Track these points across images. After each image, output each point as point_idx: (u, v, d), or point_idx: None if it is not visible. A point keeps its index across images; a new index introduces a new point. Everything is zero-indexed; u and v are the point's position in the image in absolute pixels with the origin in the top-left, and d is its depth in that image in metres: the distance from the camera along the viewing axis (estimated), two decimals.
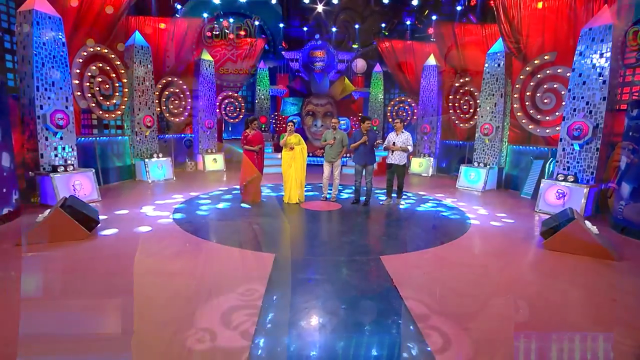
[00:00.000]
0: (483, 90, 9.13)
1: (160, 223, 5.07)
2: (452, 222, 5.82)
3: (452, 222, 5.82)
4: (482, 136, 9.18)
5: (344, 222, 5.58)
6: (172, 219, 5.36)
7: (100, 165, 8.28)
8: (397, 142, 6.60)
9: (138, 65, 8.91)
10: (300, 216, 6.07)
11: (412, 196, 7.76)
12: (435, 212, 6.41)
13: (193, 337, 2.40)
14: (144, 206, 6.07)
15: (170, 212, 5.73)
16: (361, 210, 6.35)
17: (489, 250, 4.47)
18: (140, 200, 6.60)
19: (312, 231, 5.13)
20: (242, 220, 5.53)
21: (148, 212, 5.70)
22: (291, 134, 6.75)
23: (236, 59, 13.19)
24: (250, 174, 6.71)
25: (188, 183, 8.89)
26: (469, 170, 9.10)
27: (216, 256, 4.00)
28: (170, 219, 5.36)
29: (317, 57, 14.69)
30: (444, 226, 5.54)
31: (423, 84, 11.89)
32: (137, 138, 9.09)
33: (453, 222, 5.78)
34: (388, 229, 5.35)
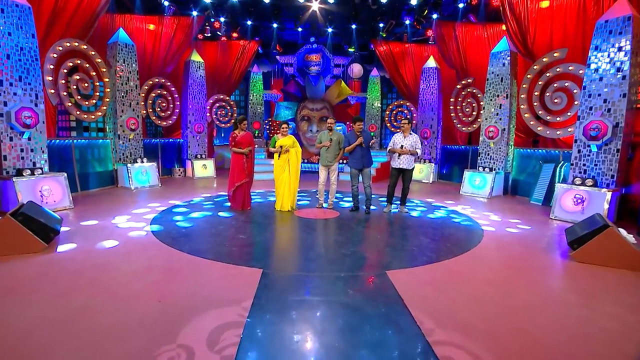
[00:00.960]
0: (487, 91, 8.68)
1: (131, 236, 4.41)
2: (463, 230, 5.26)
3: (464, 230, 5.26)
4: (486, 139, 8.70)
5: (342, 232, 4.99)
6: (146, 231, 4.72)
7: (78, 170, 7.65)
8: (405, 145, 6.06)
9: (122, 64, 8.35)
10: (293, 225, 5.47)
11: (420, 203, 7.19)
12: (444, 219, 5.84)
13: None
14: (118, 216, 5.42)
15: (146, 223, 5.10)
16: (361, 219, 5.77)
17: (511, 263, 3.89)
18: (115, 209, 5.96)
19: (306, 242, 4.52)
20: (227, 229, 4.92)
21: (120, 222, 5.04)
22: (285, 135, 6.19)
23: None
24: (239, 178, 6.12)
25: (174, 190, 8.27)
26: (474, 175, 8.59)
27: (192, 272, 3.37)
28: (145, 230, 4.72)
29: (313, 62, 14.30)
30: (455, 235, 4.97)
31: (422, 86, 11.45)
32: (120, 142, 8.48)
33: (464, 230, 5.22)
34: (392, 239, 4.76)
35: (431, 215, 6.15)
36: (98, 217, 5.29)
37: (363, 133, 6.02)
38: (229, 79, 12.79)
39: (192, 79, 10.82)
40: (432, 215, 6.11)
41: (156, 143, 10.34)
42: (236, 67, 12.78)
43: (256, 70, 14.58)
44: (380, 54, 12.97)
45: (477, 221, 5.74)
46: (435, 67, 11.16)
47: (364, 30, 13.02)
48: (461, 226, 5.47)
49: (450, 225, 5.50)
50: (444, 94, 11.38)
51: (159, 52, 9.97)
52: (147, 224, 5.05)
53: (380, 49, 12.92)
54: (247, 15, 11.85)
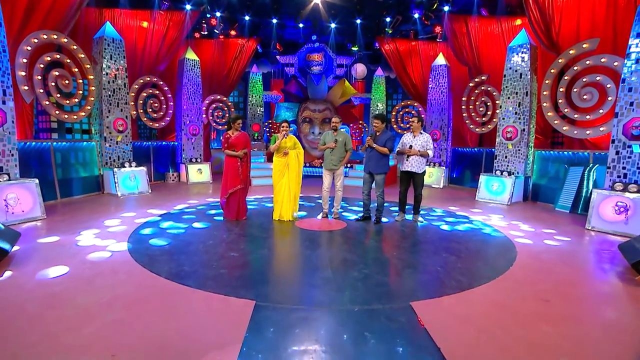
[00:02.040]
0: (504, 88, 7.99)
1: (97, 257, 3.69)
2: (491, 243, 4.55)
3: (492, 243, 4.55)
4: (504, 141, 8.00)
5: (351, 248, 4.29)
6: (113, 251, 4.03)
7: (59, 176, 6.99)
8: (414, 146, 5.39)
9: (108, 61, 7.71)
10: (293, 239, 4.78)
11: (435, 212, 6.49)
12: (466, 230, 5.13)
13: None
14: (90, 229, 4.72)
15: (120, 239, 4.41)
16: (372, 231, 5.07)
17: (563, 290, 3.15)
18: (92, 220, 5.28)
19: (309, 261, 3.82)
20: (218, 245, 4.23)
21: (86, 239, 4.33)
22: (285, 136, 5.51)
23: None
24: (233, 184, 5.44)
25: (165, 197, 7.59)
26: (491, 180, 7.88)
27: (166, 307, 2.68)
28: (112, 250, 4.02)
29: (315, 61, 13.68)
30: (484, 250, 4.27)
31: (431, 85, 10.78)
32: (107, 144, 7.82)
33: (493, 244, 4.51)
34: (411, 256, 4.04)
35: (450, 225, 5.44)
36: (66, 231, 4.60)
37: (382, 134, 5.33)
38: (227, 79, 12.15)
39: (187, 78, 10.18)
40: (451, 226, 5.39)
41: (148, 146, 9.68)
42: (234, 67, 12.15)
43: (255, 70, 13.94)
44: (386, 52, 12.32)
45: (503, 232, 5.03)
46: (445, 65, 10.49)
47: (369, 26, 12.37)
48: (488, 239, 4.75)
49: (475, 237, 4.79)
50: (454, 93, 10.71)
51: (151, 49, 9.34)
52: (124, 238, 4.36)
53: (385, 47, 12.27)
54: (244, 10, 11.21)
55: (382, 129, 5.37)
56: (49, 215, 5.40)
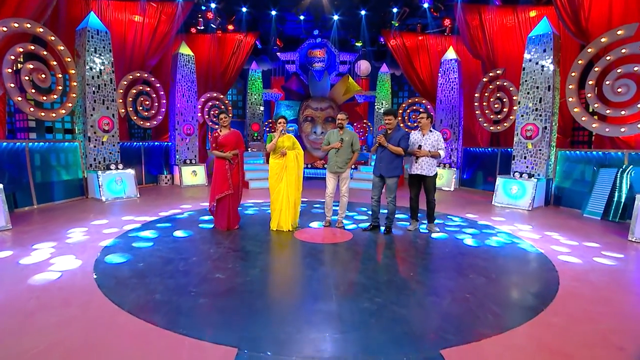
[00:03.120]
0: (523, 82, 7.31)
1: (38, 282, 3.01)
2: (525, 260, 3.88)
3: (525, 260, 3.89)
4: (523, 140, 7.32)
5: (359, 266, 3.64)
6: (64, 271, 3.40)
7: (37, 179, 6.39)
8: (424, 146, 4.74)
9: (92, 54, 7.10)
10: (292, 254, 4.14)
11: (451, 220, 5.83)
12: (491, 242, 4.47)
13: None
14: (46, 242, 4.10)
15: (83, 256, 3.78)
16: (382, 244, 4.42)
17: (636, 327, 2.50)
18: (63, 230, 4.66)
19: (309, 286, 3.16)
20: (201, 263, 3.59)
21: (39, 255, 3.69)
22: (283, 134, 4.87)
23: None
24: (221, 189, 4.80)
25: (154, 202, 6.98)
26: (510, 183, 7.20)
27: (113, 354, 2.04)
28: (71, 269, 3.40)
29: (317, 57, 13.05)
30: (518, 270, 3.60)
31: (441, 81, 10.10)
32: (91, 145, 7.21)
33: (527, 261, 3.84)
34: (432, 278, 3.39)
35: (470, 236, 4.77)
36: (26, 245, 3.97)
37: (394, 131, 4.68)
38: (224, 75, 11.55)
39: (181, 74, 9.56)
40: (477, 240, 4.73)
41: (138, 146, 9.07)
42: (231, 63, 11.55)
43: (255, 67, 13.31)
44: (393, 47, 11.67)
45: (536, 245, 4.36)
46: (456, 59, 9.82)
47: (374, 20, 11.71)
48: (517, 253, 4.08)
49: (503, 253, 4.12)
50: (465, 90, 10.04)
51: (141, 43, 8.74)
52: (91, 254, 3.73)
53: (392, 42, 11.62)
54: (241, 1, 10.58)
55: (394, 126, 4.72)
56: (16, 225, 4.78)
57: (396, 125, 4.77)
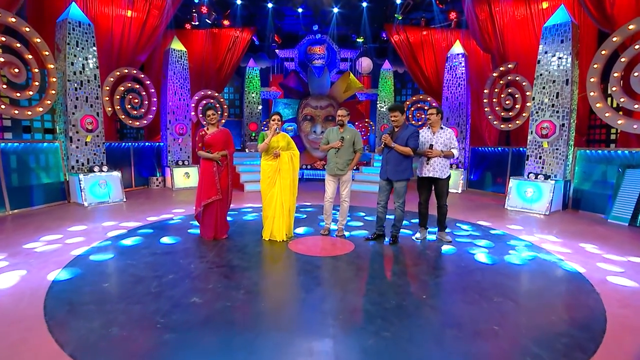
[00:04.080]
0: (538, 77, 6.77)
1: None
2: (554, 277, 3.35)
3: (554, 277, 3.35)
4: (538, 138, 6.77)
5: (363, 287, 3.12)
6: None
7: (13, 183, 5.90)
8: (435, 145, 4.22)
9: (74, 47, 6.60)
10: (284, 271, 3.62)
11: (463, 228, 5.29)
12: (509, 255, 3.94)
13: None
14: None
15: (40, 271, 3.27)
16: (388, 256, 3.90)
17: None
18: (23, 241, 4.16)
19: (302, 315, 2.63)
20: (178, 282, 3.08)
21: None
22: (277, 133, 4.35)
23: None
24: (208, 194, 4.29)
25: (142, 206, 6.51)
26: (524, 185, 6.66)
27: None
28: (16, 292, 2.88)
29: (316, 54, 12.51)
30: (550, 291, 3.05)
31: (447, 77, 9.57)
32: (73, 145, 6.71)
33: (557, 279, 3.31)
34: (449, 302, 2.84)
35: (486, 249, 4.24)
36: None
37: (402, 129, 4.16)
38: (219, 73, 11.04)
39: (173, 70, 9.07)
40: (489, 249, 4.20)
41: (128, 147, 8.57)
42: (227, 60, 11.04)
43: (252, 65, 12.79)
44: (396, 43, 11.13)
45: (562, 257, 3.83)
46: (463, 53, 9.29)
47: (376, 14, 11.17)
48: (547, 270, 3.54)
49: (529, 268, 3.58)
50: (473, 86, 9.51)
51: (129, 38, 8.23)
52: (50, 269, 3.22)
53: (395, 37, 11.09)
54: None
55: (402, 123, 4.20)
56: None
57: (403, 123, 4.24)
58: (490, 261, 3.70)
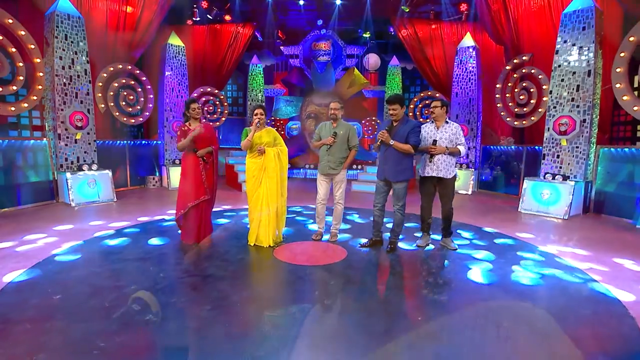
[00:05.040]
0: (556, 68, 6.21)
1: None
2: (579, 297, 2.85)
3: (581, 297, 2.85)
4: (556, 136, 6.22)
5: (351, 305, 2.68)
6: None
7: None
8: (439, 141, 3.77)
9: (62, 41, 6.35)
10: (263, 284, 3.22)
11: (472, 236, 4.81)
12: (524, 268, 3.45)
13: None
14: None
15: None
16: (386, 266, 3.46)
17: None
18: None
19: (272, 341, 2.21)
20: (136, 294, 2.70)
21: None
22: (261, 128, 3.96)
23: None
24: (197, 195, 3.93)
25: (134, 206, 6.22)
26: (540, 186, 6.11)
27: None
28: None
29: (321, 50, 12.09)
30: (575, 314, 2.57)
31: (457, 72, 9.04)
32: (62, 143, 6.46)
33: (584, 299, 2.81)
34: (453, 330, 2.38)
35: (487, 259, 3.75)
36: None
37: (401, 124, 3.72)
38: (220, 69, 10.73)
39: (170, 66, 8.78)
40: (498, 260, 3.71)
41: (123, 145, 8.30)
42: (228, 56, 10.72)
43: (256, 62, 12.45)
44: (404, 38, 10.62)
45: (582, 270, 3.32)
46: (474, 46, 8.74)
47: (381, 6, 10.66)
48: (567, 286, 3.04)
49: (546, 285, 3.09)
50: (484, 81, 8.95)
51: (124, 33, 7.97)
52: (7, 276, 2.89)
53: (402, 32, 10.58)
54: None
55: (401, 117, 3.75)
56: None
57: (403, 117, 3.79)
58: (496, 278, 3.22)
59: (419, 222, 4.23)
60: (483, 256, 3.72)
